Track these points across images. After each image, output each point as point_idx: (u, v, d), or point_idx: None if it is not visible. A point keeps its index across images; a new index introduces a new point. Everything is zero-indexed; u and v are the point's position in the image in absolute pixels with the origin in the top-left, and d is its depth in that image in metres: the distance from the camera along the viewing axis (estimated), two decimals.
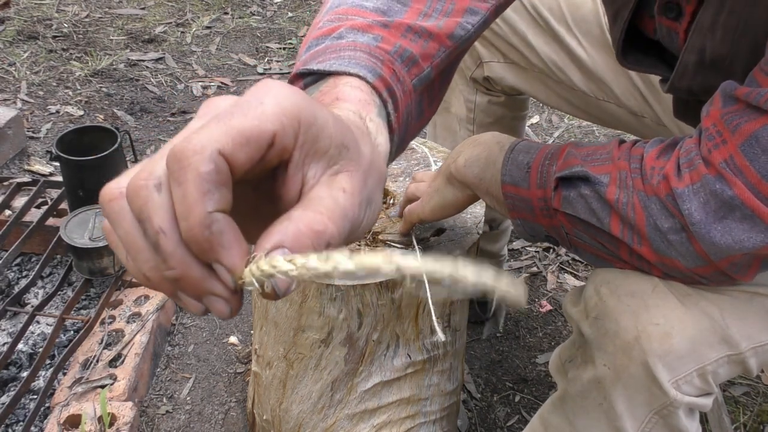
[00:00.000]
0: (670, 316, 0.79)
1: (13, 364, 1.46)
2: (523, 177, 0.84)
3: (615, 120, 1.25)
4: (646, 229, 0.75)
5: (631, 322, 0.80)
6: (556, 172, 0.81)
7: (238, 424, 1.41)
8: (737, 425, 1.45)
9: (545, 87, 1.28)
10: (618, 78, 1.19)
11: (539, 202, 0.83)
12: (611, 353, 0.82)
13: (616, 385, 0.83)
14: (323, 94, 0.54)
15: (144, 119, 2.34)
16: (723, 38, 0.77)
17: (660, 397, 0.80)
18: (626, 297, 0.81)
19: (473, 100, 1.37)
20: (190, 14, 2.98)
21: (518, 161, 0.85)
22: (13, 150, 2.03)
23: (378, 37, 0.61)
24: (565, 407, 0.93)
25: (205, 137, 0.37)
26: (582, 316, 0.87)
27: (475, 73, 1.33)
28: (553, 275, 1.82)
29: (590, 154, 0.80)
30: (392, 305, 1.02)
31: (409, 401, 1.15)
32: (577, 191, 0.79)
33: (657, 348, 0.78)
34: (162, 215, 0.38)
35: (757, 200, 0.68)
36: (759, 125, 0.68)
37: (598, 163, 0.79)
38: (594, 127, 2.45)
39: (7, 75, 2.50)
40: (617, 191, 0.76)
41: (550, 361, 0.97)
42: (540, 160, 0.83)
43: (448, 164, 0.94)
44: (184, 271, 0.39)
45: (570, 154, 0.82)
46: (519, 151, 0.86)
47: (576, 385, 0.89)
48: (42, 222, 1.68)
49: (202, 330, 1.62)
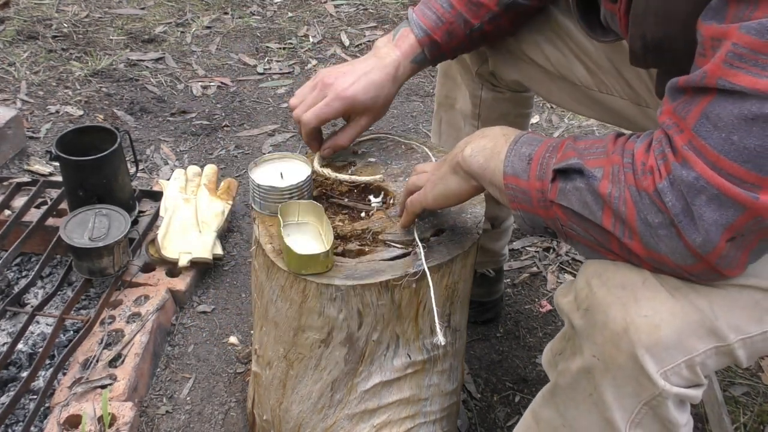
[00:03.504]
0: (659, 308, 0.79)
1: (13, 364, 1.46)
2: (524, 168, 0.86)
3: (618, 114, 1.25)
4: (636, 223, 0.76)
5: (620, 313, 0.81)
6: (554, 164, 0.83)
7: (238, 424, 1.41)
8: (737, 425, 1.45)
9: (549, 82, 1.28)
10: (623, 67, 1.19)
11: (537, 194, 0.84)
12: (600, 344, 0.83)
13: (606, 376, 0.83)
14: (400, 37, 1.20)
15: (144, 119, 2.34)
16: (656, 23, 0.81)
17: (649, 387, 0.81)
18: (616, 289, 0.82)
19: (479, 96, 1.37)
20: (190, 14, 2.98)
21: (521, 153, 0.87)
22: (13, 150, 2.03)
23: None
24: (556, 399, 0.94)
25: (312, 115, 1.15)
26: (572, 308, 0.87)
27: (481, 69, 1.33)
28: (553, 275, 1.82)
29: (587, 148, 0.82)
30: (392, 305, 1.02)
31: (409, 401, 1.15)
32: (572, 184, 0.81)
33: (645, 339, 0.79)
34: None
35: (719, 177, 0.70)
36: (705, 103, 0.71)
37: (593, 157, 0.80)
38: (594, 127, 2.45)
39: (7, 75, 2.50)
40: (609, 186, 0.77)
41: (543, 356, 0.98)
42: (541, 153, 0.85)
43: (455, 153, 0.96)
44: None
45: (569, 147, 0.83)
46: (523, 143, 0.88)
47: (566, 376, 0.90)
48: (42, 222, 1.68)
49: (202, 330, 1.62)
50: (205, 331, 1.62)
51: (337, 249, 1.05)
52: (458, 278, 1.07)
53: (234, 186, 1.91)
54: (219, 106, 2.43)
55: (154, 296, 1.57)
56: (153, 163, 2.14)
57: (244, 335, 1.61)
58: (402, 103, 2.51)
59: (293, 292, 1.02)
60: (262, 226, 1.09)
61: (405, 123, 2.41)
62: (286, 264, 1.01)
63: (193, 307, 1.66)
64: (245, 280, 1.75)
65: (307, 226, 1.07)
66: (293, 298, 1.03)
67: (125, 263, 1.58)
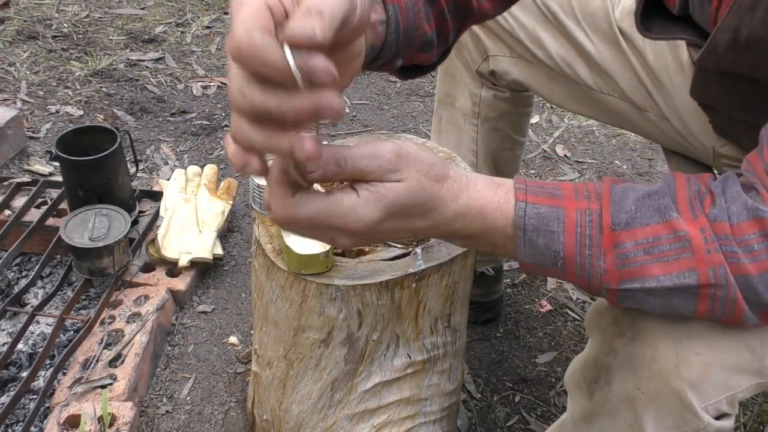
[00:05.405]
0: (712, 347, 0.76)
1: (13, 364, 1.46)
2: (552, 262, 0.72)
3: (618, 115, 1.25)
4: (743, 316, 0.71)
5: (671, 349, 0.77)
6: (611, 280, 0.70)
7: (238, 424, 1.41)
8: (737, 425, 1.45)
9: (550, 82, 1.28)
10: (624, 72, 1.19)
11: (581, 282, 0.73)
12: (646, 377, 0.79)
13: (649, 408, 0.81)
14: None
15: (144, 119, 2.34)
16: (763, 19, 0.74)
17: (693, 422, 0.79)
18: (667, 322, 0.77)
19: (478, 95, 1.37)
20: (190, 14, 2.98)
21: (538, 246, 0.71)
22: (13, 150, 2.03)
23: None
24: (592, 427, 0.90)
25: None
26: (613, 332, 0.83)
27: (481, 67, 1.33)
28: None
29: (653, 245, 0.68)
30: (392, 305, 1.02)
31: (409, 401, 1.15)
32: (647, 293, 0.71)
33: (695, 377, 0.76)
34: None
35: None
36: None
37: (672, 257, 0.68)
38: (594, 127, 2.45)
39: (7, 75, 2.50)
40: (710, 304, 0.69)
41: (568, 375, 0.94)
42: (574, 249, 0.70)
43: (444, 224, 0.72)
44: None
45: (625, 255, 0.68)
46: (532, 231, 0.71)
47: (604, 405, 0.87)
48: (42, 222, 1.68)
49: (202, 330, 1.62)
50: (205, 331, 1.62)
51: (337, 249, 1.05)
52: (458, 278, 1.07)
53: (234, 186, 1.92)
54: (219, 106, 2.43)
55: (154, 296, 1.57)
56: (153, 163, 2.14)
57: (244, 335, 1.61)
58: (402, 103, 2.51)
59: (293, 292, 1.02)
60: (262, 226, 1.09)
61: (405, 123, 2.41)
62: (286, 264, 1.01)
63: (193, 307, 1.66)
64: (245, 280, 1.75)
65: None
66: (293, 298, 1.03)
67: (125, 263, 1.58)
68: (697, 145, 1.18)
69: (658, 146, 1.37)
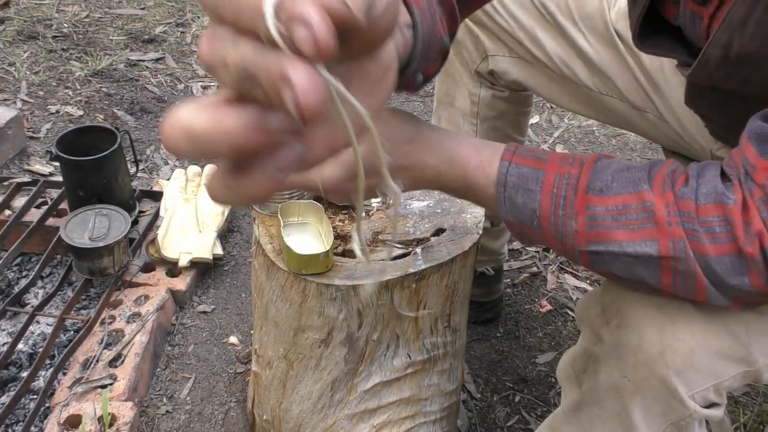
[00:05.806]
0: (695, 332, 0.77)
1: (13, 364, 1.46)
2: (530, 221, 0.75)
3: (617, 116, 1.25)
4: (706, 292, 0.72)
5: (656, 336, 0.78)
6: (581, 242, 0.72)
7: (238, 424, 1.41)
8: (737, 425, 1.45)
9: (549, 82, 1.28)
10: (622, 73, 1.19)
11: (556, 243, 0.76)
12: (632, 365, 0.80)
13: (635, 396, 0.82)
14: None
15: (144, 119, 2.34)
16: (753, 35, 0.75)
17: (679, 409, 0.80)
18: (652, 309, 0.79)
19: (477, 94, 1.37)
20: (190, 14, 2.98)
21: (517, 204, 0.75)
22: (13, 150, 2.03)
23: None
24: (580, 417, 0.91)
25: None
26: (600, 322, 0.84)
27: (480, 67, 1.33)
28: (553, 275, 1.82)
29: (618, 214, 0.71)
30: (392, 305, 1.02)
31: (409, 401, 1.15)
32: (613, 263, 0.73)
33: (680, 363, 0.77)
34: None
35: None
36: None
37: (636, 226, 0.70)
38: (594, 127, 2.45)
39: (7, 75, 2.50)
40: (672, 277, 0.71)
41: (559, 369, 0.96)
42: (549, 209, 0.74)
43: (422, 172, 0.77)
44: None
45: (594, 217, 0.71)
46: (512, 188, 0.75)
47: (592, 395, 0.88)
48: (42, 222, 1.68)
49: (202, 330, 1.62)
50: (205, 331, 1.62)
51: (337, 249, 1.05)
52: (458, 278, 1.07)
53: None
54: None
55: (154, 296, 1.57)
56: (153, 163, 2.14)
57: (244, 335, 1.61)
58: (402, 104, 2.51)
59: (293, 292, 1.02)
60: (262, 226, 1.09)
61: None
62: (286, 264, 1.01)
63: (193, 307, 1.66)
64: (245, 280, 1.75)
65: (307, 226, 1.07)
66: (293, 298, 1.03)
67: (125, 263, 1.58)
68: (695, 146, 1.18)
69: (658, 146, 1.37)
